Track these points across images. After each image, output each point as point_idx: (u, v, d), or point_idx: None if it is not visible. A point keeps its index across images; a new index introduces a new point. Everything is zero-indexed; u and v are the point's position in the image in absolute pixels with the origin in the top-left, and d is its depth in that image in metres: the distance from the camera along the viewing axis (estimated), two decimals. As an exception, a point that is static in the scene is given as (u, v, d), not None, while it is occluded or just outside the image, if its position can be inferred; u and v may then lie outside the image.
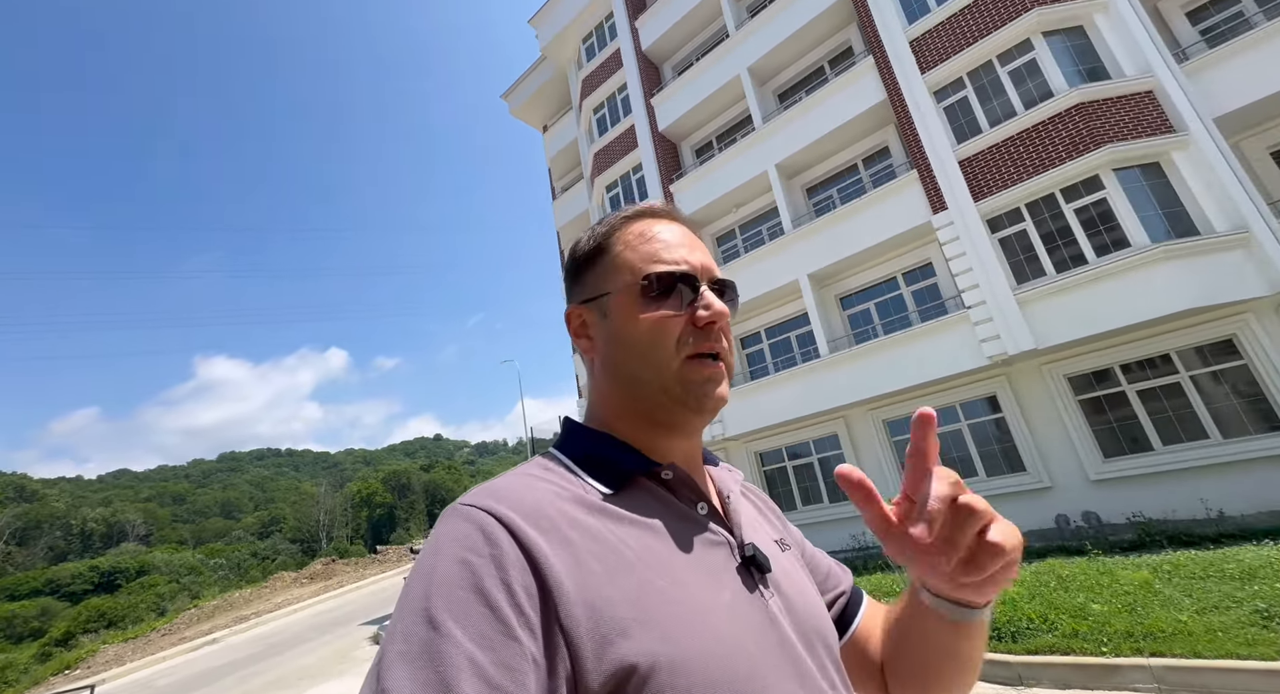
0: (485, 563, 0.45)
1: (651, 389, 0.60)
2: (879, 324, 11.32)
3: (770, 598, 0.57)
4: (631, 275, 0.62)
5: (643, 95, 15.47)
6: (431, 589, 0.44)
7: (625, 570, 0.49)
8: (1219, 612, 3.96)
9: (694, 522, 0.59)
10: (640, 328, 0.60)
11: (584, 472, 0.58)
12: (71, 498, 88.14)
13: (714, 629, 0.49)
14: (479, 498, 0.51)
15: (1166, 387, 8.25)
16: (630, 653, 0.44)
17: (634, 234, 0.65)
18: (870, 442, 10.77)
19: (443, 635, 0.41)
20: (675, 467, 0.60)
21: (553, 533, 0.49)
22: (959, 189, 9.64)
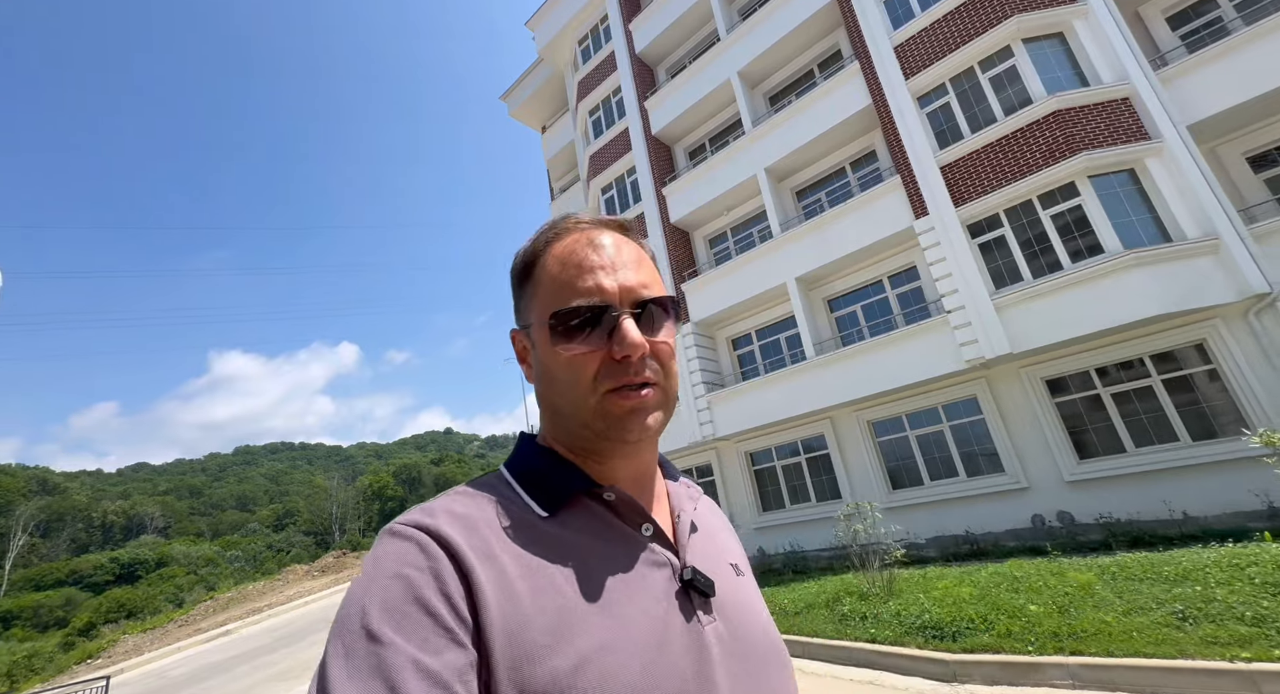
0: (424, 575, 0.45)
1: (573, 423, 0.59)
2: (865, 327, 11.54)
3: (709, 624, 0.56)
4: (542, 309, 0.60)
5: (637, 98, 15.68)
6: (370, 604, 0.44)
7: (551, 593, 0.49)
8: (1142, 613, 4.23)
9: (635, 543, 0.58)
10: (558, 364, 0.58)
11: (525, 490, 0.58)
12: (92, 491, 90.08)
13: (633, 658, 0.48)
14: (413, 517, 0.51)
15: (1139, 390, 8.44)
16: (539, 680, 0.44)
17: (553, 257, 0.62)
18: (856, 442, 11.02)
19: (385, 645, 0.41)
20: (617, 488, 0.59)
21: (483, 552, 0.49)
22: (940, 195, 9.81)
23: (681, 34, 15.63)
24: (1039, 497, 8.97)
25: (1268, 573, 4.27)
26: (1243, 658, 3.38)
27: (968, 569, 6.83)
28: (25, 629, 35.97)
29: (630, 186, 15.56)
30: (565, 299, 0.59)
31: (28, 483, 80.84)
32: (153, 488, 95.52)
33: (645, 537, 0.59)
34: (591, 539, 0.56)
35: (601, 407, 0.57)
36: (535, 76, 20.06)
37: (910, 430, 10.53)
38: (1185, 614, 4.03)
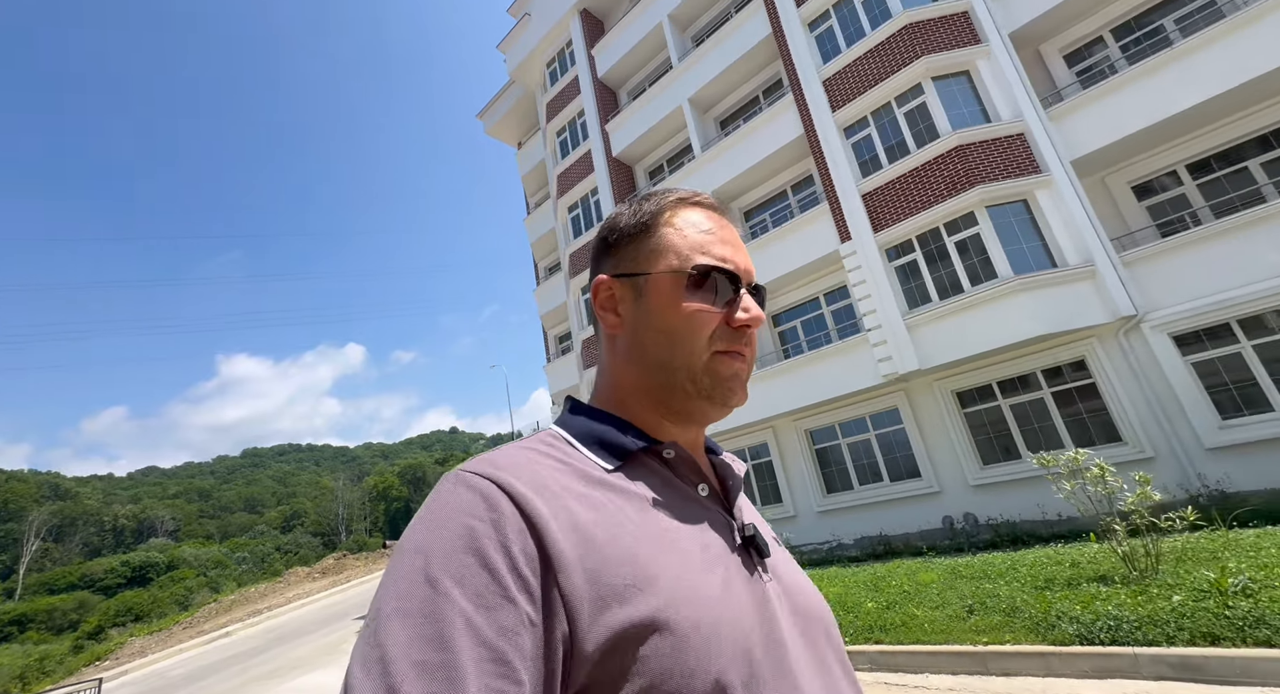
0: (485, 526, 0.45)
1: (679, 377, 0.60)
2: (804, 341, 12.39)
3: (768, 582, 0.57)
4: (678, 261, 0.61)
5: (599, 121, 16.49)
6: (430, 550, 0.44)
7: (626, 540, 0.49)
8: (945, 607, 5.10)
9: (695, 501, 0.58)
10: (679, 315, 0.60)
11: (585, 448, 0.58)
12: (103, 495, 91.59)
13: (712, 602, 0.49)
14: (480, 466, 0.51)
15: (1033, 402, 9.28)
16: (627, 618, 0.44)
17: (684, 220, 0.64)
18: (795, 450, 11.89)
19: (440, 594, 0.41)
20: (677, 445, 0.59)
21: (554, 501, 0.49)
22: (861, 221, 10.63)
23: (639, 60, 16.42)
24: (949, 499, 9.83)
25: (1044, 570, 5.12)
26: (981, 641, 4.27)
27: (851, 569, 7.72)
28: (40, 632, 37.34)
29: (594, 205, 16.40)
30: (702, 258, 0.61)
31: (40, 488, 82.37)
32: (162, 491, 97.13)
33: (703, 495, 0.60)
34: (656, 493, 0.56)
35: (711, 365, 0.59)
36: (508, 96, 20.88)
37: (842, 438, 11.40)
38: (972, 607, 4.91)
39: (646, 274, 0.62)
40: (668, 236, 0.63)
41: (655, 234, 0.64)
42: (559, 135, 18.14)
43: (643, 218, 0.65)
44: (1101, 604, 4.20)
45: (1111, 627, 3.84)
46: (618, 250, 0.66)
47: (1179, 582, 4.23)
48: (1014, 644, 4.09)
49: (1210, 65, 8.19)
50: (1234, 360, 7.75)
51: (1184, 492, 7.65)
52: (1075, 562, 5.55)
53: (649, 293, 0.62)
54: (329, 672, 10.34)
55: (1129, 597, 4.20)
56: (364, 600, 20.87)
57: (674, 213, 0.65)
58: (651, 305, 0.62)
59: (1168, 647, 3.57)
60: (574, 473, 0.54)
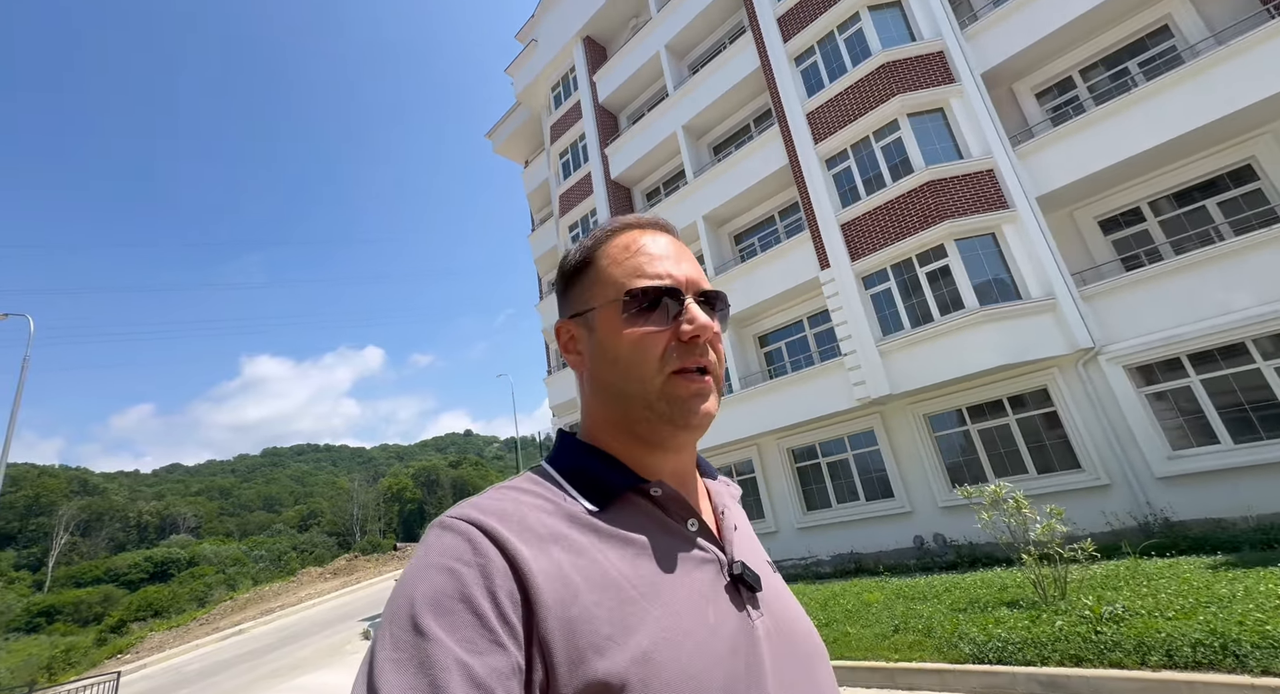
0: (472, 572, 0.46)
1: (636, 405, 0.59)
2: (788, 362, 12.87)
3: (758, 618, 0.56)
4: (615, 290, 0.62)
5: (599, 144, 17.17)
6: (419, 597, 0.45)
7: (608, 587, 0.49)
8: (877, 625, 5.57)
9: (683, 539, 0.58)
10: (624, 343, 0.60)
11: (572, 487, 0.58)
12: (129, 492, 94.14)
13: (693, 650, 0.48)
14: (465, 511, 0.51)
15: (999, 427, 9.66)
16: (603, 671, 0.44)
17: (618, 247, 0.64)
18: (777, 468, 12.34)
19: (431, 641, 0.42)
20: (664, 483, 0.59)
21: (537, 546, 0.49)
22: (839, 250, 11.11)
23: (638, 86, 17.08)
24: (920, 520, 10.21)
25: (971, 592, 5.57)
26: (893, 659, 4.74)
27: (815, 586, 8.18)
28: (66, 624, 38.87)
29: (594, 225, 16.97)
30: (638, 281, 0.61)
31: (69, 484, 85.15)
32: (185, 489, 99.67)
33: (692, 532, 0.59)
34: (642, 534, 0.56)
35: (667, 388, 0.59)
36: (515, 117, 21.69)
37: (822, 458, 11.84)
38: (898, 627, 5.37)
39: (592, 309, 0.63)
40: (604, 269, 0.64)
41: (594, 267, 0.65)
42: (561, 157, 18.86)
43: (584, 255, 0.66)
44: (997, 627, 4.66)
45: (999, 647, 4.31)
46: (569, 292, 0.67)
47: (1070, 608, 4.67)
48: (918, 661, 4.56)
49: (1171, 107, 8.57)
50: (1184, 393, 8.09)
51: (1133, 519, 7.99)
52: (1004, 586, 5.97)
53: (598, 327, 0.62)
54: (331, 672, 10.98)
55: (1025, 620, 4.65)
56: (371, 602, 21.67)
57: (609, 242, 0.65)
58: (601, 338, 0.62)
59: (1040, 666, 4.03)
60: (560, 515, 0.54)
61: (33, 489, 78.94)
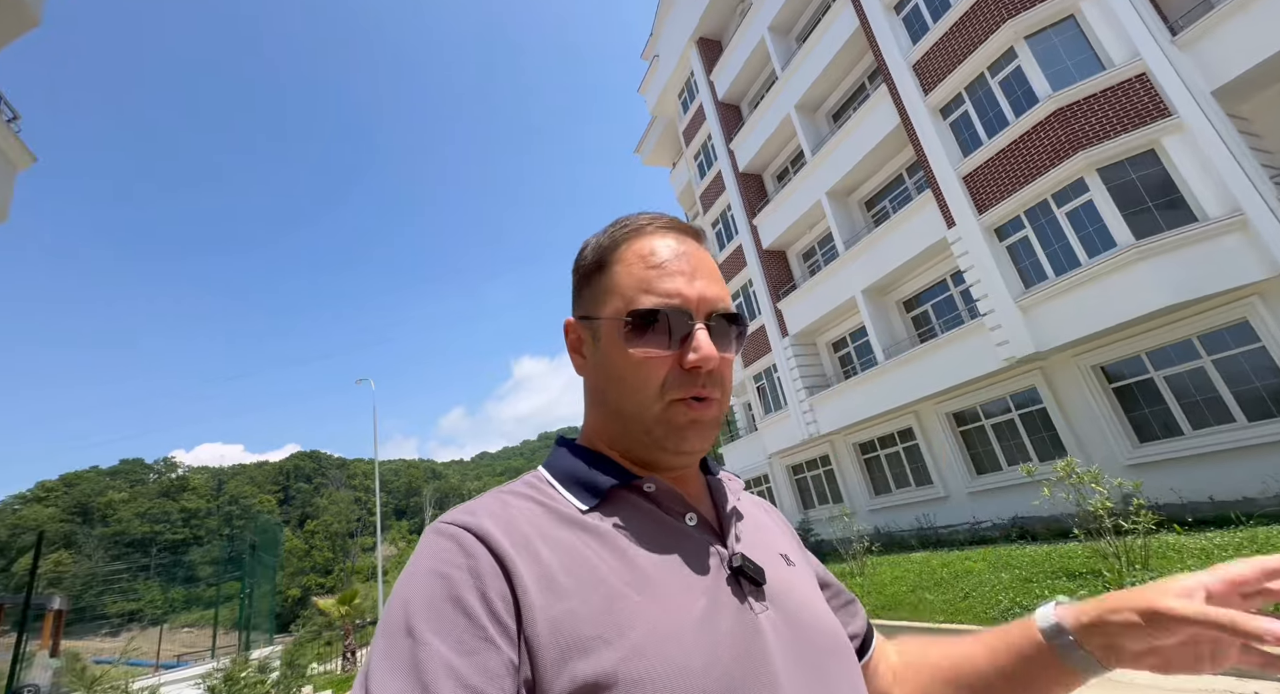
0: (462, 573, 0.46)
1: (634, 427, 0.58)
2: (938, 324, 12.42)
3: (762, 612, 0.54)
4: (622, 303, 0.59)
5: (724, 141, 18.07)
6: (411, 601, 0.45)
7: (596, 585, 0.48)
8: (951, 590, 6.21)
9: (679, 533, 0.57)
10: (627, 364, 0.57)
11: (564, 488, 0.58)
12: (459, 475, 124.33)
13: (686, 644, 0.47)
14: (455, 515, 0.52)
15: (1192, 372, 8.36)
16: (589, 671, 0.43)
17: (633, 253, 0.61)
18: (938, 433, 12.18)
19: (421, 645, 0.42)
20: (657, 478, 0.59)
21: (524, 547, 0.49)
22: (963, 205, 10.50)
23: (752, 73, 17.42)
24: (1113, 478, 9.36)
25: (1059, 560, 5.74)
26: (939, 620, 5.54)
27: (938, 554, 8.58)
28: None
29: (731, 220, 18.12)
30: (645, 299, 0.58)
31: (424, 472, 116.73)
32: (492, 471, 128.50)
33: (690, 526, 0.58)
34: (634, 530, 0.55)
35: (665, 414, 0.57)
36: (654, 130, 23.60)
37: (985, 420, 11.37)
38: (967, 593, 5.99)
39: (598, 319, 0.60)
40: (616, 276, 0.60)
41: (607, 272, 0.61)
42: (696, 159, 20.18)
43: (599, 255, 0.62)
44: (1050, 595, 5.12)
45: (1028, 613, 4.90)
46: (579, 291, 0.64)
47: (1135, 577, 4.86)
48: (951, 623, 5.36)
49: None
50: None
51: (1371, 475, 6.49)
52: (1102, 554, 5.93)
53: (602, 338, 0.60)
54: None
55: (1074, 589, 5.02)
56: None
57: (626, 247, 0.61)
58: (604, 352, 0.60)
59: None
60: (549, 515, 0.54)
61: (406, 477, 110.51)
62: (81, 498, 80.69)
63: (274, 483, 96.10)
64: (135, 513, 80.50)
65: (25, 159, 6.30)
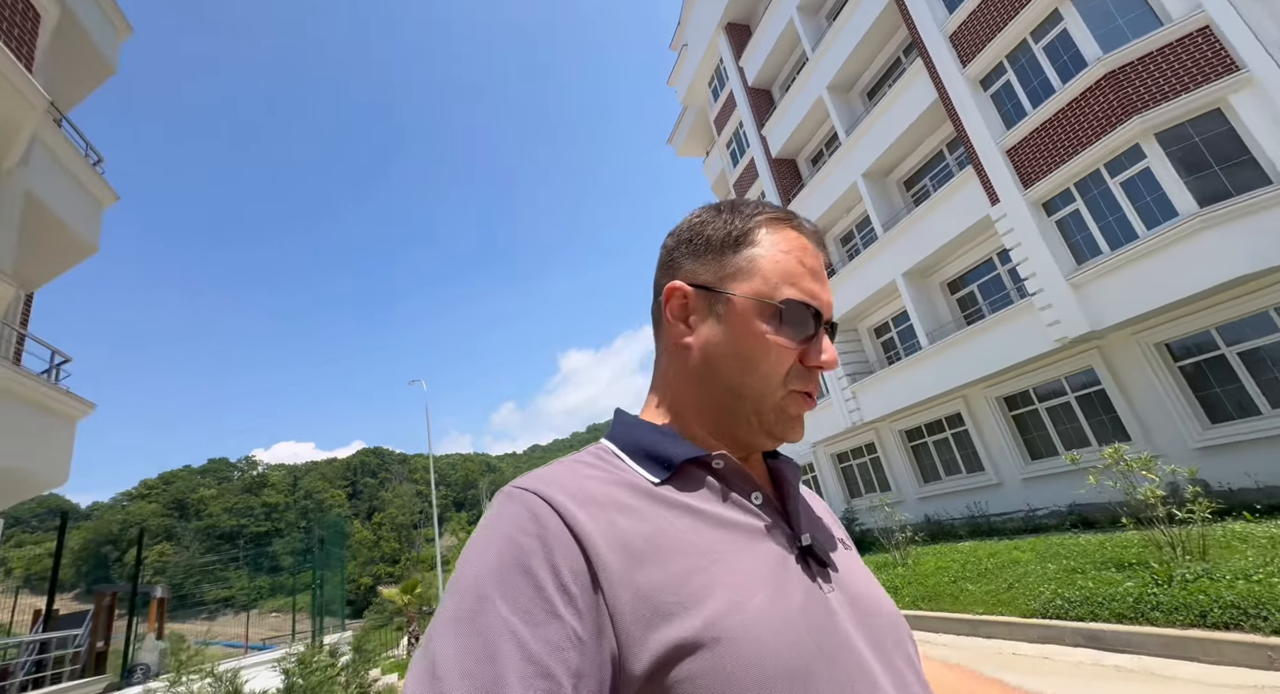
0: (533, 542, 0.46)
1: (746, 408, 0.59)
2: (984, 304, 11.93)
3: (830, 592, 0.54)
4: (765, 287, 0.59)
5: (755, 127, 17.78)
6: (481, 565, 0.45)
7: (674, 554, 0.48)
8: (994, 583, 6.05)
9: (747, 511, 0.56)
10: (760, 347, 0.58)
11: (633, 460, 0.58)
12: (513, 468, 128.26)
13: (764, 617, 0.47)
14: (528, 482, 0.51)
15: (1270, 346, 7.76)
16: (675, 636, 0.43)
17: (782, 239, 0.61)
18: (989, 418, 11.74)
19: (489, 608, 0.42)
20: (726, 456, 0.57)
21: (600, 516, 0.49)
22: (1006, 180, 10.03)
23: (782, 56, 17.04)
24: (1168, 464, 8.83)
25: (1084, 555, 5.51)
26: (978, 611, 5.45)
27: (986, 543, 8.34)
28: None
29: (767, 207, 17.84)
30: (791, 291, 0.59)
31: (480, 466, 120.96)
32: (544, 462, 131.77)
33: (756, 505, 0.58)
34: (706, 505, 0.54)
35: (783, 403, 0.58)
36: (685, 121, 23.40)
37: (1039, 403, 10.88)
38: (1010, 584, 5.84)
39: (729, 294, 0.59)
40: (758, 258, 0.60)
41: (743, 252, 0.60)
42: (728, 147, 19.94)
43: (732, 230, 0.61)
44: (1095, 587, 4.98)
45: (1070, 605, 4.80)
46: (699, 259, 0.62)
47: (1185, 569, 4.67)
48: (990, 614, 5.28)
49: None
50: None
51: None
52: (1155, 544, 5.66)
53: (730, 314, 0.59)
54: None
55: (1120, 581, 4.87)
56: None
57: (768, 232, 0.61)
58: (731, 328, 0.59)
59: (1086, 622, 4.51)
60: (622, 485, 0.54)
61: (463, 470, 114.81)
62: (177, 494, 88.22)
63: (342, 478, 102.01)
64: (223, 508, 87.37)
65: (109, 197, 7.03)
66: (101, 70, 7.70)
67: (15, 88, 4.53)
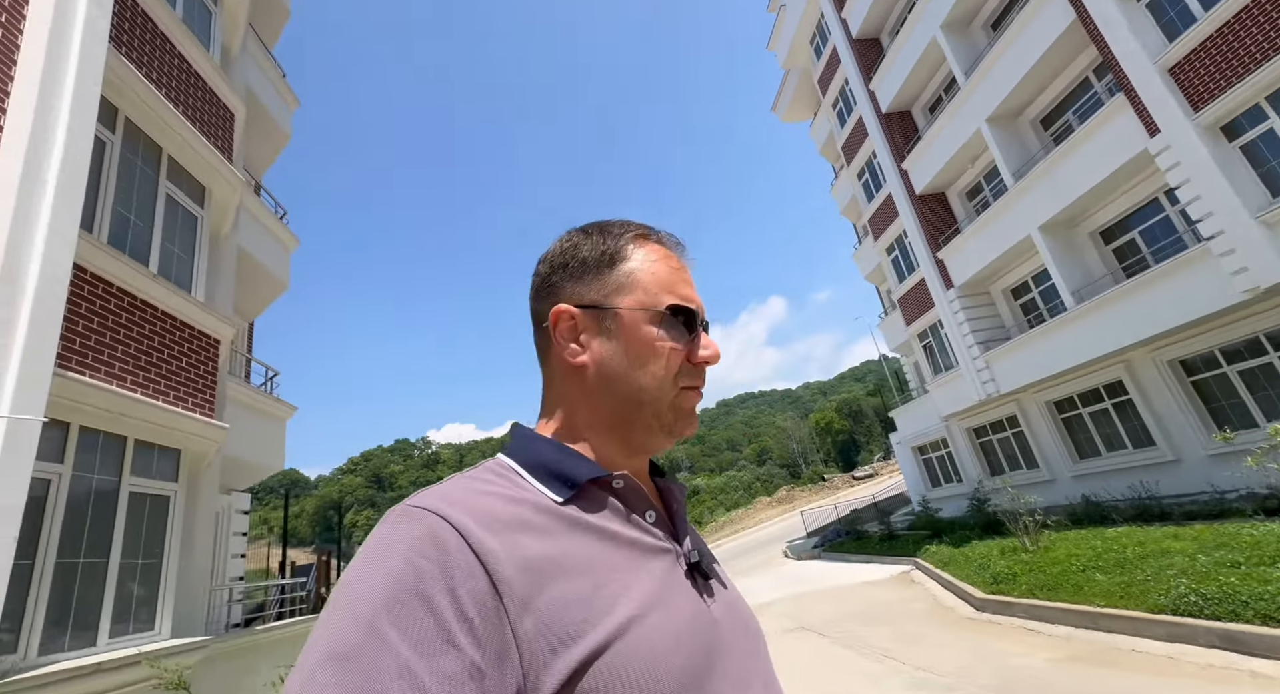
0: (431, 567, 0.44)
1: (645, 412, 0.61)
2: (1148, 254, 10.17)
3: (712, 604, 0.58)
4: (647, 297, 0.62)
5: (863, 82, 16.49)
6: (372, 591, 0.42)
7: (578, 575, 0.49)
8: (1130, 574, 5.45)
9: (644, 529, 0.59)
10: (651, 352, 0.61)
11: (534, 478, 0.58)
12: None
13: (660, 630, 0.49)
14: (428, 500, 0.49)
15: None
16: (580, 656, 0.44)
17: (650, 252, 0.66)
18: (1158, 384, 10.09)
19: (378, 640, 0.40)
20: (627, 476, 0.60)
21: (505, 537, 0.48)
22: (1169, 105, 8.43)
23: (888, 2, 15.55)
24: None
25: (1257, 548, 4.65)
26: (1098, 603, 5.01)
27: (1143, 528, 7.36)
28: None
29: (877, 167, 16.57)
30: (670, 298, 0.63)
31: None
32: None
33: (649, 523, 0.60)
34: (608, 524, 0.56)
35: (678, 400, 0.62)
36: (789, 84, 22.23)
37: (1227, 366, 9.14)
38: (1149, 576, 5.22)
39: (615, 308, 0.62)
40: (634, 272, 0.64)
41: (619, 268, 0.64)
42: (834, 107, 18.68)
43: (605, 250, 0.65)
44: (1243, 583, 4.38)
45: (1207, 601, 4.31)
46: (579, 280, 0.65)
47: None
48: (1110, 607, 4.86)
49: None
50: None
51: None
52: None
53: (620, 327, 0.62)
54: (755, 579, 14.89)
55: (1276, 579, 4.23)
56: (792, 528, 26.62)
57: (638, 247, 0.65)
58: (623, 339, 0.62)
59: (1224, 622, 4.03)
60: (525, 504, 0.53)
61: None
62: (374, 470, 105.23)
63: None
64: (409, 481, 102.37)
65: (293, 242, 8.88)
66: (280, 139, 9.64)
67: (225, 179, 6.04)
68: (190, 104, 5.88)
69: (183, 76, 5.85)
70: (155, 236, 5.13)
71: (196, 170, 5.81)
